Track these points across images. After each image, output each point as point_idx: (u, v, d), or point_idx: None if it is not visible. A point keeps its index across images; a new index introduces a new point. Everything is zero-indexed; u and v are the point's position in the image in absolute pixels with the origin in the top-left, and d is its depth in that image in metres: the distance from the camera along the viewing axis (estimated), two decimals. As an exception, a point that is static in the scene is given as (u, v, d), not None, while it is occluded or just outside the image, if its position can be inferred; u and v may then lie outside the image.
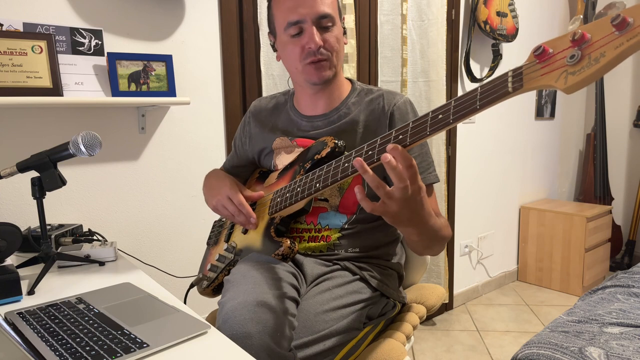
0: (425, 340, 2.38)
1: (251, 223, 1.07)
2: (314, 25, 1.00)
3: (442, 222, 0.97)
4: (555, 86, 0.60)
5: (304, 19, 1.00)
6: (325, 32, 1.02)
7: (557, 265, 3.01)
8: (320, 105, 1.12)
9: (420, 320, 1.14)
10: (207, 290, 1.16)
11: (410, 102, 1.11)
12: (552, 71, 0.61)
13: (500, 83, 0.66)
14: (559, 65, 0.60)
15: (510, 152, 3.02)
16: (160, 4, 1.57)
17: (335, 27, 1.04)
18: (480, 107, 0.68)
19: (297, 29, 1.01)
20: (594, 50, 0.57)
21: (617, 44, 0.55)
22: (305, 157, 1.05)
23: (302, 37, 1.01)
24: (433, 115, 0.74)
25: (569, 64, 0.59)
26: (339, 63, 1.07)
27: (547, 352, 1.13)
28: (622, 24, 0.54)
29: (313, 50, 1.00)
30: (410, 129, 0.76)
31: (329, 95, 1.11)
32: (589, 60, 0.57)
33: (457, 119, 0.70)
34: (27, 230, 1.25)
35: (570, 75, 0.59)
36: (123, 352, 0.65)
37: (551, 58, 0.61)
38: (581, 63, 0.58)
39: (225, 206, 1.09)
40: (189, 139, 1.68)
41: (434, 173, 1.08)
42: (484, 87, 0.68)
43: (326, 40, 1.02)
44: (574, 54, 0.58)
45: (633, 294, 1.48)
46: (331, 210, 1.08)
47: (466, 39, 2.58)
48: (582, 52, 0.58)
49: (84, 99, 1.34)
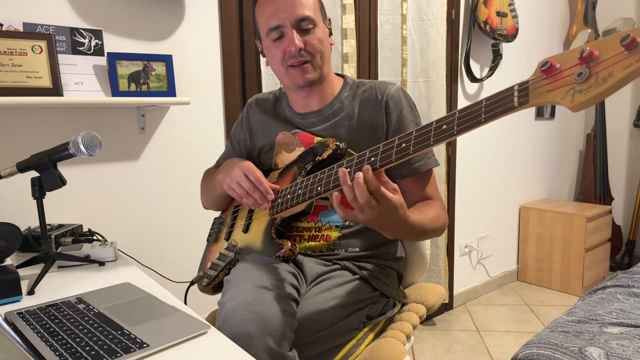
0: (425, 340, 2.38)
1: (267, 200, 1.02)
2: (294, 28, 1.02)
3: (429, 217, 0.98)
4: (562, 103, 0.59)
5: (283, 23, 1.02)
6: (306, 34, 1.03)
7: (557, 265, 3.01)
8: (312, 103, 1.13)
9: (420, 320, 1.14)
10: (207, 288, 1.16)
11: (402, 90, 1.11)
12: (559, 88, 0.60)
13: (506, 97, 0.66)
14: (566, 82, 0.59)
15: (510, 152, 3.01)
16: (160, 4, 1.57)
17: (317, 29, 1.04)
18: (485, 120, 0.68)
19: (278, 34, 1.03)
20: (602, 69, 0.56)
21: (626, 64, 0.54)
22: (306, 158, 1.05)
23: (283, 41, 1.03)
24: (437, 126, 0.74)
25: (576, 82, 0.58)
26: (325, 63, 1.08)
27: (547, 352, 1.13)
28: (631, 45, 0.54)
29: (294, 53, 1.02)
30: (413, 137, 0.77)
31: (320, 93, 1.12)
32: (596, 79, 0.56)
33: (461, 131, 0.70)
34: (27, 230, 1.25)
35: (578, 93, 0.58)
36: (123, 352, 0.65)
37: (558, 74, 0.60)
38: (589, 81, 0.57)
39: (239, 182, 1.03)
40: (189, 139, 1.68)
41: (433, 158, 1.09)
42: (489, 100, 0.68)
43: (307, 42, 1.03)
44: (581, 72, 0.57)
45: (633, 294, 1.48)
46: (332, 207, 1.08)
47: (466, 39, 2.57)
48: (589, 70, 0.57)
49: (84, 99, 1.34)
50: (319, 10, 1.07)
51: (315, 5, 1.05)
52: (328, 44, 1.09)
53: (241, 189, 1.04)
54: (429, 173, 1.09)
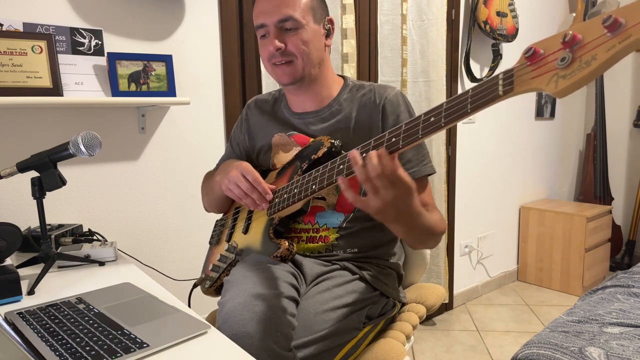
0: (425, 340, 2.38)
1: (266, 200, 1.02)
2: (276, 28, 1.02)
3: (434, 219, 0.97)
4: (546, 90, 0.58)
5: (266, 22, 1.03)
6: (288, 34, 1.03)
7: (557, 265, 3.01)
8: (309, 103, 1.12)
9: (420, 320, 1.14)
10: (210, 290, 1.16)
11: (401, 94, 1.10)
12: (543, 74, 0.59)
13: (491, 86, 0.65)
14: (549, 68, 0.58)
15: (510, 152, 3.01)
16: (160, 4, 1.57)
17: (302, 30, 1.02)
18: (471, 111, 0.67)
19: (264, 32, 1.05)
20: (585, 52, 0.55)
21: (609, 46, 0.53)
22: (302, 157, 1.05)
23: (266, 40, 1.05)
24: (425, 118, 0.74)
25: (560, 67, 0.57)
26: (312, 64, 1.05)
27: (547, 352, 1.13)
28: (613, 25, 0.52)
29: (272, 52, 1.03)
30: (402, 131, 0.77)
31: (316, 93, 1.11)
32: (579, 63, 0.55)
33: (448, 122, 0.70)
34: (27, 230, 1.25)
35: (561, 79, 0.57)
36: (123, 352, 0.65)
37: (542, 60, 0.60)
38: (572, 66, 0.56)
39: (238, 183, 1.03)
40: (189, 139, 1.68)
41: (429, 164, 1.07)
42: (475, 90, 0.67)
43: (288, 42, 1.02)
44: (564, 57, 0.57)
45: (633, 294, 1.48)
46: (329, 209, 1.08)
47: (466, 39, 2.57)
48: (573, 54, 0.56)
49: (84, 99, 1.34)
50: (310, 10, 1.04)
51: (305, 6, 1.03)
52: (319, 46, 1.06)
53: (239, 190, 1.03)
54: (424, 180, 1.06)
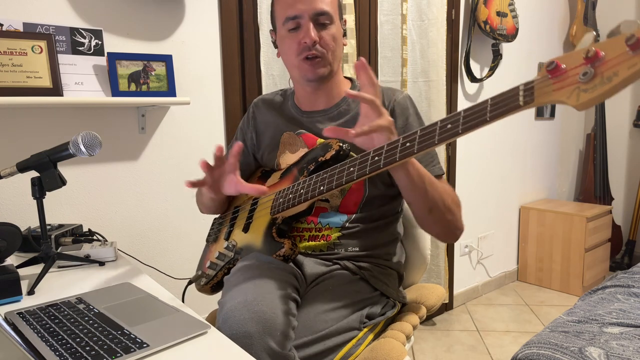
0: (425, 340, 2.38)
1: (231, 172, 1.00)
2: (311, 21, 1.02)
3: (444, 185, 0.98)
4: (567, 102, 0.61)
5: (301, 14, 1.02)
6: (322, 29, 1.04)
7: (557, 266, 3.01)
8: (319, 101, 1.13)
9: (420, 320, 1.14)
10: (205, 287, 1.15)
11: (409, 98, 1.11)
12: (565, 87, 0.61)
13: (511, 96, 0.67)
14: (571, 82, 0.61)
15: (510, 152, 3.01)
16: (160, 4, 1.57)
17: (332, 26, 1.05)
18: (490, 119, 0.68)
19: (295, 24, 1.03)
20: (607, 69, 0.57)
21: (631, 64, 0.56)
22: (309, 159, 1.05)
23: (298, 32, 1.04)
24: (442, 125, 0.74)
25: (582, 81, 0.59)
26: (336, 61, 1.08)
27: (547, 352, 1.13)
28: (636, 45, 0.55)
29: (308, 45, 1.02)
30: (418, 136, 0.77)
31: (328, 92, 1.12)
32: (601, 78, 0.58)
33: (466, 130, 0.71)
34: (27, 230, 1.25)
35: (583, 92, 0.59)
36: (123, 352, 0.65)
37: (564, 74, 0.62)
38: (594, 81, 0.58)
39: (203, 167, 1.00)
40: (189, 139, 1.68)
41: (438, 165, 1.08)
42: (494, 100, 0.68)
43: (322, 37, 1.03)
44: (586, 71, 0.59)
45: (633, 294, 1.48)
46: (332, 210, 1.08)
47: (466, 39, 2.57)
48: (595, 70, 0.58)
49: (84, 99, 1.34)
50: (337, 8, 1.08)
51: (335, 3, 1.06)
52: (341, 43, 1.09)
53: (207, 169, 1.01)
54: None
